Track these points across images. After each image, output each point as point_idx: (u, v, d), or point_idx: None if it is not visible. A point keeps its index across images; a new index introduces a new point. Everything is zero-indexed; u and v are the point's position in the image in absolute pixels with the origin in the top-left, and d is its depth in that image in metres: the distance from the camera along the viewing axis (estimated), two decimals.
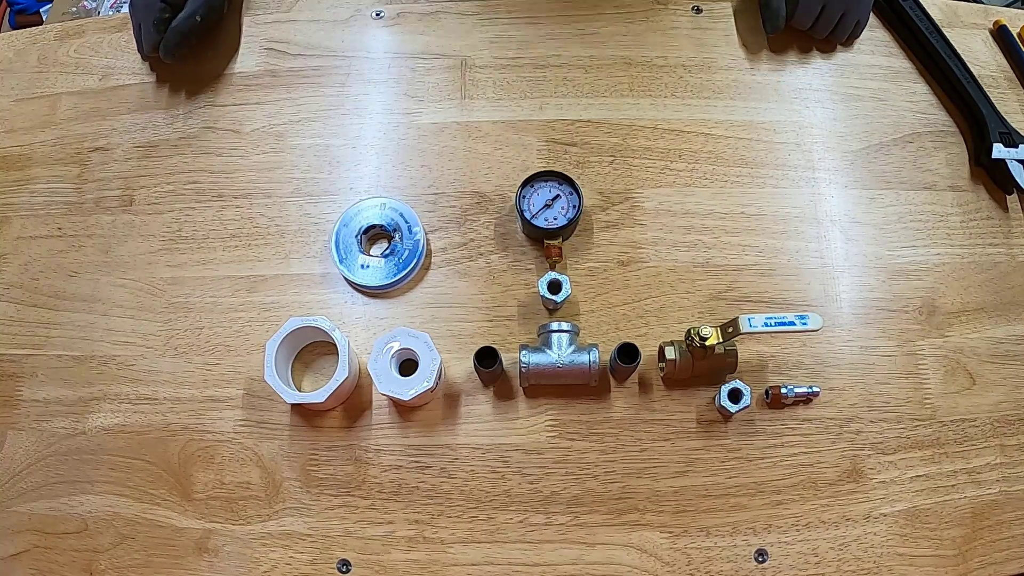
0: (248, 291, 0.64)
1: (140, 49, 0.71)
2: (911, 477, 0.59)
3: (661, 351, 0.60)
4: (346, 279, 0.64)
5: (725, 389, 0.57)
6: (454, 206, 0.67)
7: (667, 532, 0.57)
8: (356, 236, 0.64)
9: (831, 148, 0.69)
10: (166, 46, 0.68)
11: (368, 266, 0.64)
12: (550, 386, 0.60)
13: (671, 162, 0.68)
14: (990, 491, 0.59)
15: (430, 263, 0.65)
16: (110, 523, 0.59)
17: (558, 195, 0.64)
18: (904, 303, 0.64)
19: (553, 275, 0.60)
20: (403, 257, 0.64)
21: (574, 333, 0.59)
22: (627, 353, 0.57)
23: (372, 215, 0.65)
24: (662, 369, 0.60)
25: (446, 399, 0.61)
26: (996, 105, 0.69)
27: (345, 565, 0.57)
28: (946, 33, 0.71)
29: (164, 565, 0.57)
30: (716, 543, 0.57)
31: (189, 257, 0.66)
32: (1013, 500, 0.58)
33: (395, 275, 0.63)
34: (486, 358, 0.58)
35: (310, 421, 0.61)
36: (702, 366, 0.58)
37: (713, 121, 0.69)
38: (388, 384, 0.56)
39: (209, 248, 0.66)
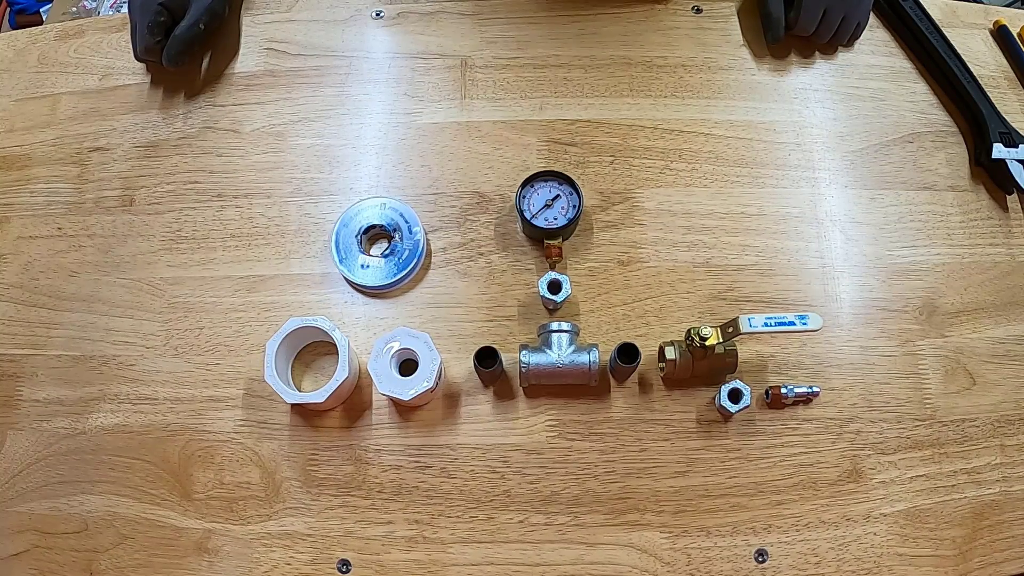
0: (248, 291, 0.64)
1: (134, 50, 0.70)
2: (911, 477, 0.59)
3: (661, 351, 0.60)
4: (346, 279, 0.64)
5: (725, 389, 0.57)
6: (454, 206, 0.67)
7: (667, 532, 0.57)
8: (356, 236, 0.64)
9: (831, 148, 0.69)
10: (168, 54, 0.68)
11: (368, 266, 0.64)
12: (550, 386, 0.60)
13: (671, 162, 0.68)
14: (990, 491, 0.59)
15: (430, 263, 0.65)
16: (110, 523, 0.59)
17: (558, 195, 0.64)
18: (904, 303, 0.64)
19: (553, 275, 0.60)
20: (403, 257, 0.64)
21: (574, 333, 0.59)
22: (627, 353, 0.57)
23: (372, 215, 0.65)
24: (662, 369, 0.60)
25: (446, 399, 0.61)
26: (996, 105, 0.69)
27: (345, 565, 0.57)
28: (946, 33, 0.71)
29: (164, 565, 0.57)
30: (716, 543, 0.57)
31: (189, 257, 0.66)
32: (1013, 500, 0.58)
33: (395, 275, 0.63)
34: (486, 358, 0.58)
35: (310, 421, 0.61)
36: (702, 366, 0.58)
37: (713, 121, 0.69)
38: (388, 384, 0.56)
39: (209, 248, 0.66)
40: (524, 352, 0.58)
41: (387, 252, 0.64)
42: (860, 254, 0.65)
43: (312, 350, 0.63)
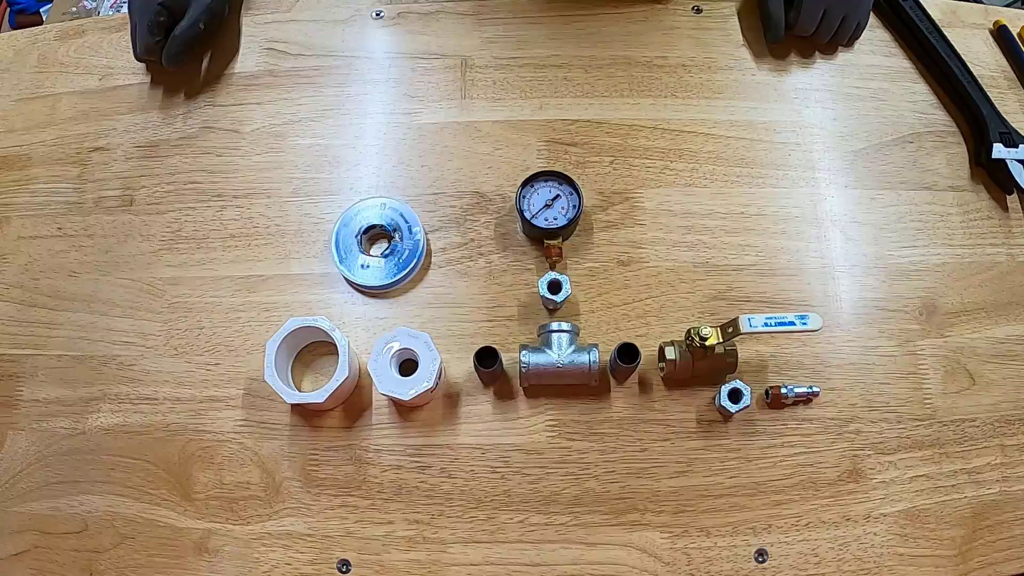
0: (248, 291, 0.64)
1: (134, 50, 0.70)
2: (911, 477, 0.59)
3: (661, 351, 0.60)
4: (346, 279, 0.64)
5: (725, 389, 0.57)
6: (454, 206, 0.67)
7: (667, 532, 0.57)
8: (356, 236, 0.64)
9: (831, 148, 0.69)
10: (168, 54, 0.68)
11: (368, 266, 0.64)
12: (550, 386, 0.60)
13: (671, 162, 0.68)
14: (990, 491, 0.59)
15: (430, 263, 0.65)
16: (110, 523, 0.59)
17: (558, 195, 0.64)
18: (904, 303, 0.64)
19: (553, 275, 0.60)
20: (403, 257, 0.64)
21: (574, 333, 0.59)
22: (627, 353, 0.57)
23: (372, 215, 0.65)
24: (662, 369, 0.60)
25: (446, 399, 0.61)
26: (996, 105, 0.69)
27: (345, 565, 0.57)
28: (946, 33, 0.71)
29: (164, 565, 0.57)
30: (716, 543, 0.57)
31: (189, 257, 0.66)
32: (1013, 500, 0.58)
33: (395, 275, 0.63)
34: (486, 358, 0.58)
35: (310, 421, 0.61)
36: (702, 366, 0.58)
37: (713, 121, 0.69)
38: (388, 384, 0.56)
39: (209, 248, 0.66)
40: (524, 352, 0.58)
41: (387, 252, 0.64)
42: (860, 254, 0.65)
43: (312, 350, 0.63)
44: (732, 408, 0.57)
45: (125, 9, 0.72)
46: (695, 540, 0.57)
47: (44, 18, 1.54)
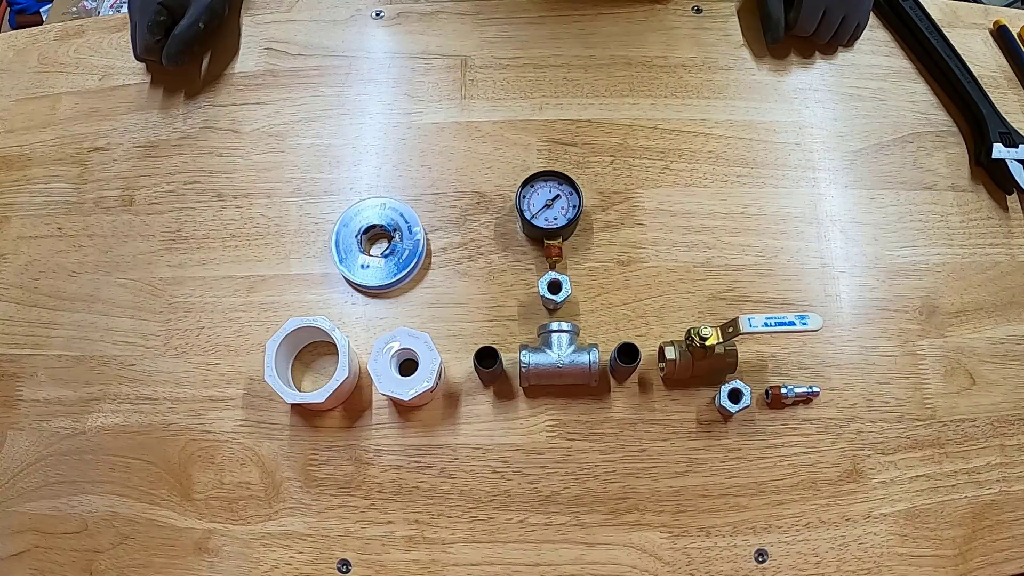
0: (248, 291, 0.64)
1: (134, 50, 0.70)
2: (911, 477, 0.59)
3: (661, 351, 0.60)
4: (346, 279, 0.64)
5: (725, 389, 0.57)
6: (454, 206, 0.67)
7: (667, 532, 0.57)
8: (356, 236, 0.64)
9: (831, 148, 0.69)
10: (168, 53, 0.68)
11: (368, 266, 0.64)
12: (550, 386, 0.60)
13: (671, 162, 0.68)
14: (990, 491, 0.59)
15: (430, 263, 0.65)
16: (110, 523, 0.59)
17: (558, 195, 0.64)
18: (904, 303, 0.64)
19: (553, 275, 0.60)
20: (403, 257, 0.64)
21: (574, 333, 0.59)
22: (627, 353, 0.57)
23: (372, 215, 0.65)
24: (662, 369, 0.60)
25: (446, 399, 0.61)
26: (996, 105, 0.69)
27: (345, 565, 0.57)
28: (946, 33, 0.71)
29: (164, 565, 0.58)
30: (716, 543, 0.57)
31: (189, 257, 0.66)
32: (1013, 500, 0.58)
33: (395, 275, 0.63)
34: (486, 358, 0.58)
35: (310, 421, 0.61)
36: (702, 366, 0.58)
37: (713, 121, 0.69)
38: (388, 384, 0.56)
39: (209, 248, 0.66)
40: (524, 352, 0.58)
41: (387, 252, 0.64)
42: (860, 254, 0.65)
43: (312, 350, 0.63)
44: (732, 408, 0.57)
45: (125, 9, 0.72)
46: (695, 540, 0.57)
47: (44, 18, 1.54)
